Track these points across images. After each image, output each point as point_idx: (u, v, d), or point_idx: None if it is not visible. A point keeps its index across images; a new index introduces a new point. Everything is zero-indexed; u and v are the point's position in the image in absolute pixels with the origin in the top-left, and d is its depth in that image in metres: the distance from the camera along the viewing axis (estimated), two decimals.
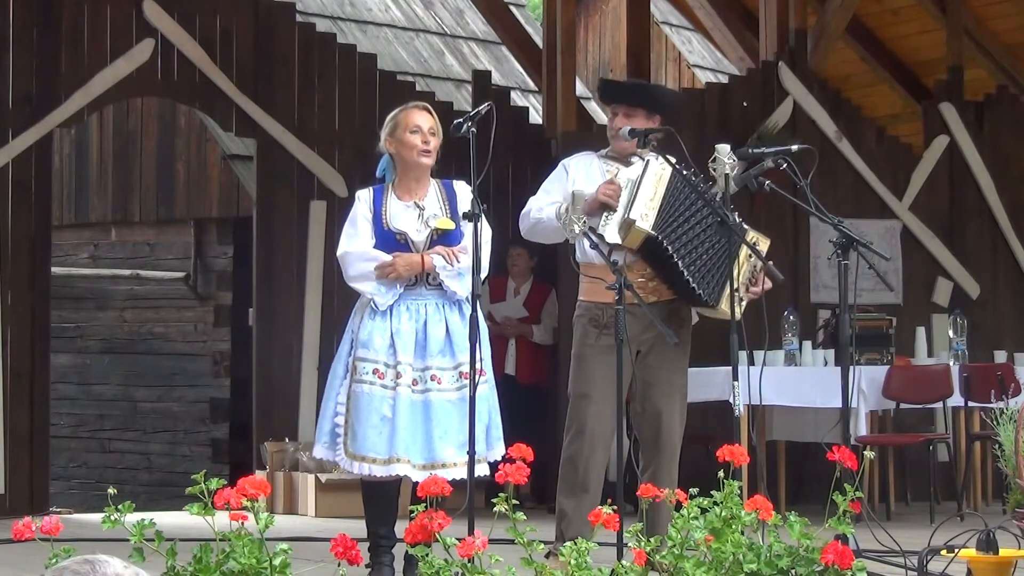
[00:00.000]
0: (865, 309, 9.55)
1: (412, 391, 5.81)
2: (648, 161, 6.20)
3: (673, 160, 6.16)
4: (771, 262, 6.21)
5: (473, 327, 5.43)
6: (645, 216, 6.07)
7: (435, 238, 5.93)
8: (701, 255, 6.14)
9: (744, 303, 6.16)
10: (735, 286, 6.04)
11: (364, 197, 6.03)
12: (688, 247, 6.13)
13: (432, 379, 5.85)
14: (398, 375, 5.81)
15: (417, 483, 5.67)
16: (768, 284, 6.21)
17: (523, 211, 6.41)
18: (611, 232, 6.12)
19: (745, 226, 6.25)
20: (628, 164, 6.37)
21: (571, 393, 6.37)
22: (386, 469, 5.77)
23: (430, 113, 6.04)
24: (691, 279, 6.11)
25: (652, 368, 6.28)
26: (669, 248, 6.09)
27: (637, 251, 6.18)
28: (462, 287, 5.86)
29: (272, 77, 10.07)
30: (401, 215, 5.95)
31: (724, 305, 6.10)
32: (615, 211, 6.15)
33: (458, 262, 5.86)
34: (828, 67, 11.95)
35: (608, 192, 6.17)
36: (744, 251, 6.17)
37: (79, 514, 9.47)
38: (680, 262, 6.09)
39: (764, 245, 6.29)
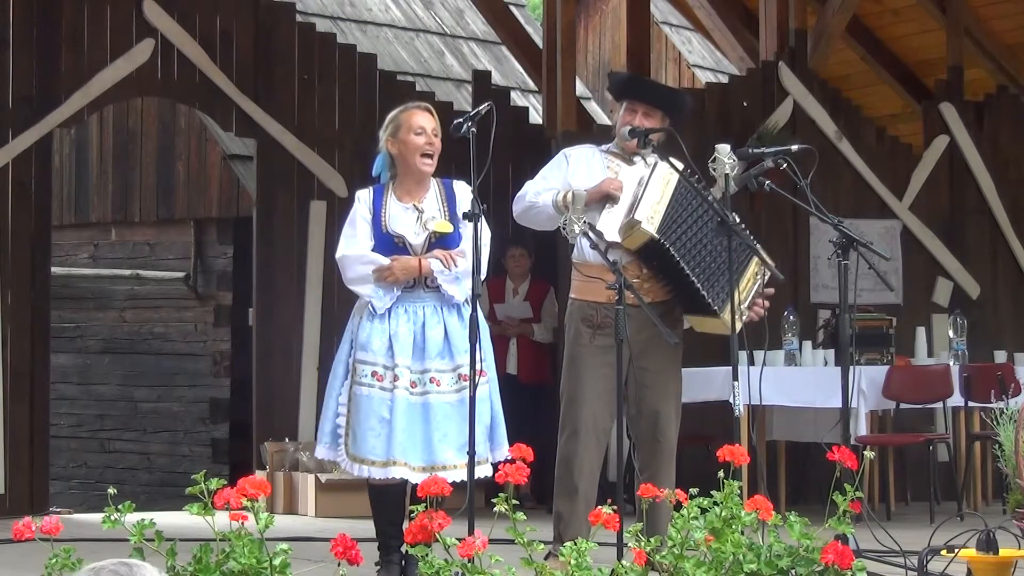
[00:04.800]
0: (865, 309, 9.55)
1: (410, 393, 5.81)
2: (656, 163, 6.18)
3: (680, 165, 6.16)
4: (769, 259, 6.21)
5: (473, 327, 5.43)
6: (651, 219, 6.05)
7: (433, 241, 5.92)
8: (709, 262, 6.12)
9: (744, 318, 6.15)
10: (739, 299, 6.03)
11: (364, 198, 6.01)
12: (692, 252, 6.12)
13: (431, 381, 5.84)
14: (395, 377, 5.81)
15: (417, 484, 5.69)
16: (761, 311, 6.18)
17: (519, 194, 6.38)
18: (611, 230, 6.10)
19: (759, 246, 6.23)
20: (631, 162, 6.35)
21: (564, 394, 6.34)
22: (384, 471, 5.77)
23: (431, 114, 6.02)
24: (700, 286, 6.09)
25: (647, 369, 6.26)
26: (675, 253, 6.07)
27: (634, 252, 6.17)
28: (459, 291, 5.86)
29: (272, 77, 10.07)
30: (400, 218, 5.94)
31: (725, 315, 6.08)
32: (617, 203, 6.14)
33: (455, 266, 5.85)
34: (828, 67, 11.94)
35: (614, 185, 6.17)
36: (751, 268, 6.15)
37: (79, 514, 9.46)
38: (686, 267, 6.08)
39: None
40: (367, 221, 5.96)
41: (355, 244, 5.94)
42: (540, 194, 6.28)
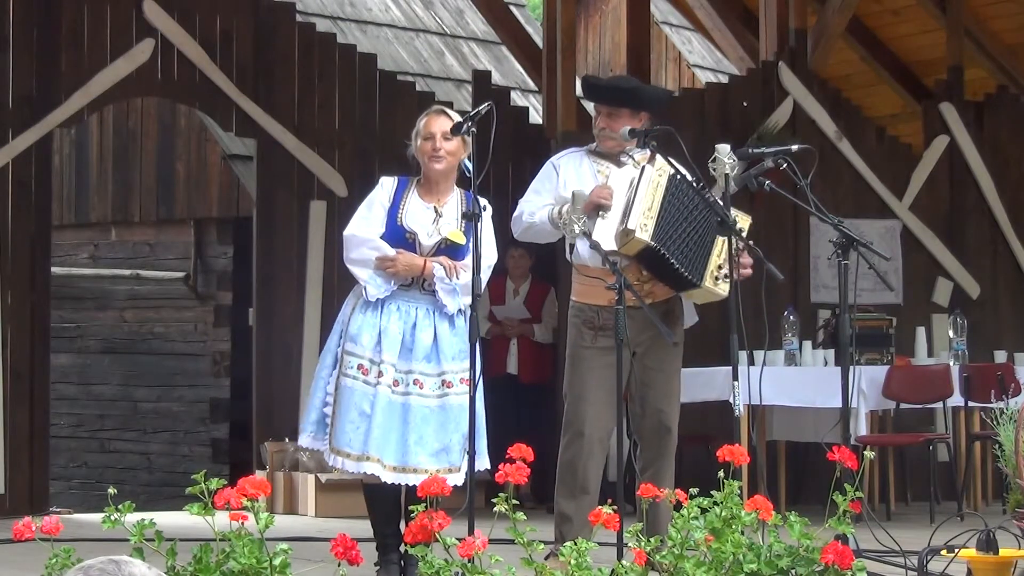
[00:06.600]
0: (865, 309, 9.55)
1: (392, 391, 5.81)
2: (644, 168, 6.18)
3: (670, 160, 6.15)
4: (759, 251, 6.20)
5: (473, 327, 5.43)
6: (644, 227, 6.05)
7: (443, 247, 5.92)
8: (690, 247, 6.14)
9: (730, 279, 6.15)
10: (719, 263, 6.05)
11: (387, 185, 6.01)
12: (683, 252, 6.13)
13: (414, 383, 5.84)
14: (380, 374, 5.82)
15: (407, 485, 5.70)
16: (748, 271, 6.19)
17: (515, 214, 6.39)
18: (606, 239, 6.11)
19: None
20: (619, 163, 6.35)
21: (567, 395, 6.35)
22: (357, 465, 5.79)
23: (447, 116, 5.98)
24: (686, 272, 6.11)
25: (650, 369, 6.28)
26: (669, 257, 6.08)
27: (632, 257, 6.17)
28: (453, 303, 5.87)
29: (272, 77, 10.07)
30: (417, 214, 5.94)
31: (708, 282, 6.10)
32: (609, 211, 6.13)
33: (457, 278, 5.85)
34: (828, 67, 11.94)
35: (603, 194, 6.16)
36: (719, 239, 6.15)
37: (79, 514, 9.47)
38: (680, 266, 6.10)
39: (744, 223, 6.24)
40: (384, 208, 5.96)
41: (367, 226, 5.93)
42: (535, 213, 6.28)
